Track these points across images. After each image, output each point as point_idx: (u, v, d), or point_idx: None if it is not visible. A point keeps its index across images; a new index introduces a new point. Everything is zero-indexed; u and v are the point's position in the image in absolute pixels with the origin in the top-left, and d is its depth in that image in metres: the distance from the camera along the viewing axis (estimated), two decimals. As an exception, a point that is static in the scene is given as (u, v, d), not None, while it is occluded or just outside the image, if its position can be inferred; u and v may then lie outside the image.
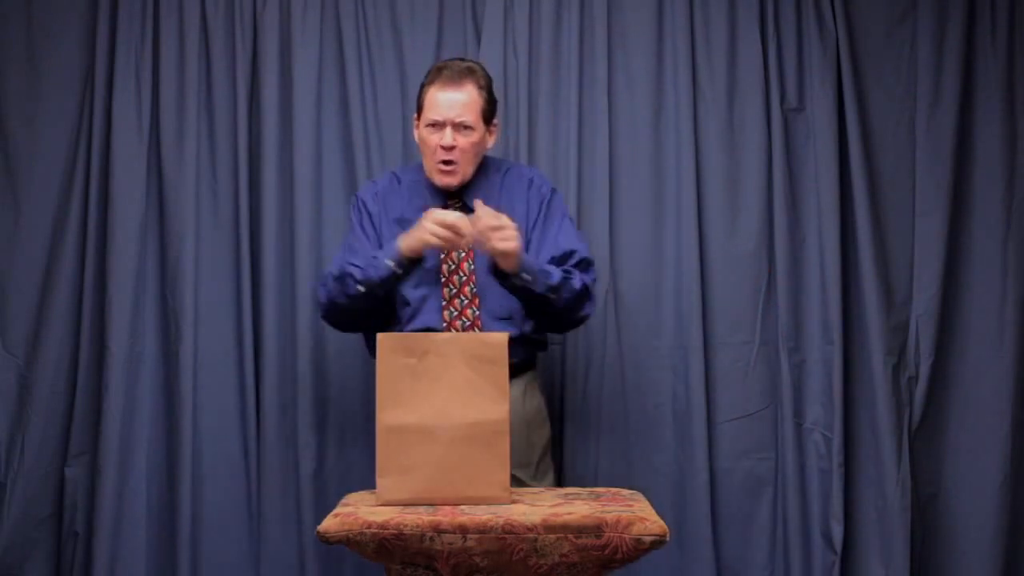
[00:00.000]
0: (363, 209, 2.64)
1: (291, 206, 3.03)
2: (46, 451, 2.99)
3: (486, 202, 2.50)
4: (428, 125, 2.54)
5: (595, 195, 3.03)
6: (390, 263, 2.43)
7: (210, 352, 3.00)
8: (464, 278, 2.55)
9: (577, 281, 2.51)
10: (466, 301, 2.54)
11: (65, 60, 3.04)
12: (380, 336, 2.15)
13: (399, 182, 2.67)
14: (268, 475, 2.99)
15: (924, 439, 3.04)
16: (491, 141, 2.63)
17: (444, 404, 2.11)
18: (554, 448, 2.84)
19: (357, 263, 2.48)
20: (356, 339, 2.98)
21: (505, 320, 2.53)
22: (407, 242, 2.43)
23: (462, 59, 2.67)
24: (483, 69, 2.61)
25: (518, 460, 2.51)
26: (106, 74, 3.02)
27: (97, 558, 2.93)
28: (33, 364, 3.00)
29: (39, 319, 3.00)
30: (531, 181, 2.65)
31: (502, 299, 2.51)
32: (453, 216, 2.38)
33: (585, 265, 2.56)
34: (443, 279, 2.55)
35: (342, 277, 2.49)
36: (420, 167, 2.65)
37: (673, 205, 3.04)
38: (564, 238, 2.58)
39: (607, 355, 3.01)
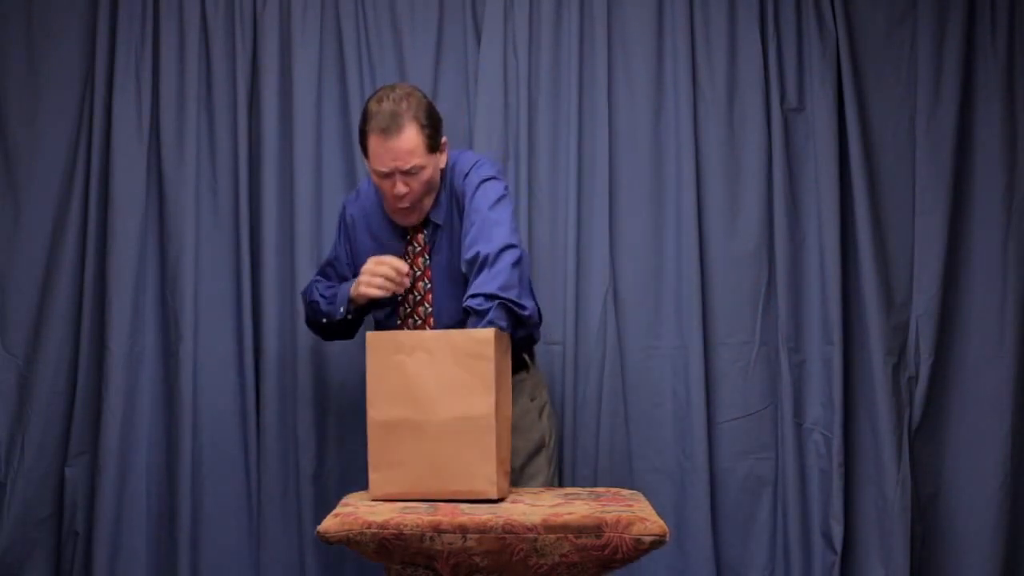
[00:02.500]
0: (344, 222, 2.73)
1: (291, 206, 3.03)
2: (46, 451, 2.99)
3: (444, 224, 2.54)
4: (376, 174, 2.50)
5: (595, 195, 3.03)
6: (342, 310, 2.57)
7: (210, 352, 3.00)
8: (419, 297, 2.59)
9: (493, 315, 2.29)
10: (431, 309, 2.57)
11: (65, 60, 3.04)
12: (369, 334, 2.18)
13: (376, 192, 2.65)
14: (268, 475, 2.99)
15: (924, 439, 3.04)
16: (443, 160, 2.56)
17: (432, 400, 2.12)
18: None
19: (324, 293, 2.65)
20: (356, 339, 2.98)
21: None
22: (355, 291, 2.51)
23: (393, 87, 2.52)
24: (415, 94, 2.49)
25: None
26: (106, 74, 3.02)
27: (97, 558, 2.93)
28: (33, 364, 3.00)
29: (39, 319, 3.01)
30: (463, 193, 2.53)
31: (458, 312, 2.44)
32: (386, 265, 2.43)
33: (493, 260, 2.36)
34: (400, 298, 2.61)
35: (311, 304, 2.68)
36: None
37: (673, 205, 3.05)
38: (471, 236, 2.44)
39: (607, 355, 3.01)
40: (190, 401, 2.98)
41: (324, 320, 2.63)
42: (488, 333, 2.14)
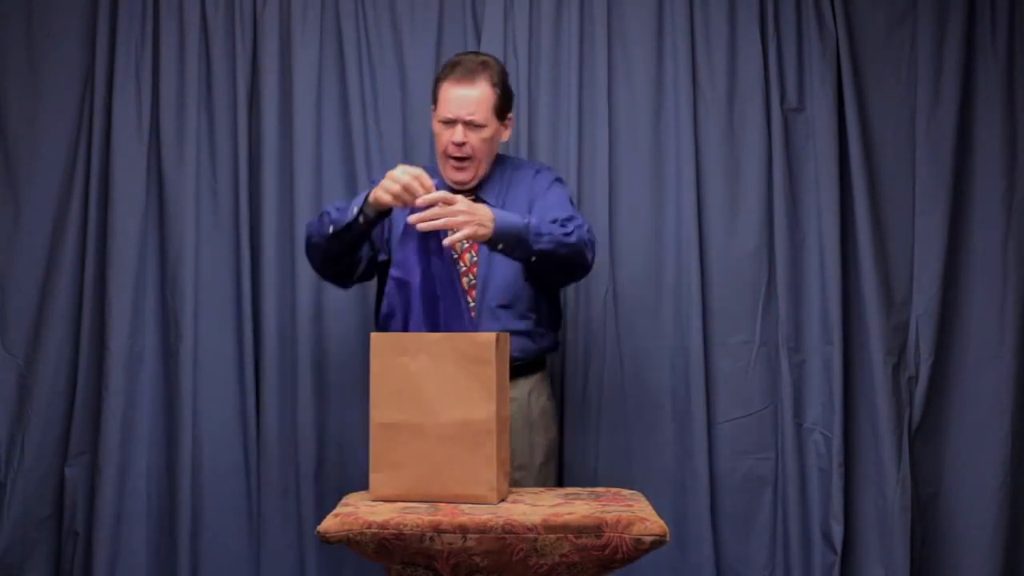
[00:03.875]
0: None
1: (291, 206, 3.03)
2: (46, 451, 2.99)
3: (495, 198, 2.52)
4: (441, 121, 2.54)
5: (595, 195, 3.03)
6: (355, 209, 2.39)
7: (210, 352, 3.00)
8: (464, 269, 2.55)
9: (572, 236, 2.43)
10: (463, 267, 2.54)
11: (65, 60, 3.04)
12: (374, 336, 2.18)
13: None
14: (268, 475, 2.99)
15: (924, 439, 3.04)
16: (506, 135, 2.62)
17: (433, 403, 2.12)
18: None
19: (337, 205, 2.49)
20: (356, 339, 2.99)
21: (505, 308, 2.52)
22: (373, 193, 2.38)
23: (477, 53, 2.65)
24: (498, 63, 2.60)
25: (519, 462, 2.51)
26: (106, 74, 3.02)
27: (97, 558, 2.93)
28: (33, 364, 3.00)
29: (39, 319, 3.01)
30: (537, 171, 2.65)
31: (504, 288, 2.51)
32: (408, 175, 2.31)
33: (579, 227, 2.48)
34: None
35: (321, 215, 2.51)
36: (432, 167, 2.61)
37: (673, 205, 3.05)
38: (551, 206, 2.52)
39: (607, 355, 3.01)
40: (190, 401, 2.98)
41: (331, 230, 2.43)
42: (490, 337, 2.14)
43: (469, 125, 2.51)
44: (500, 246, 2.36)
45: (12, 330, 3.01)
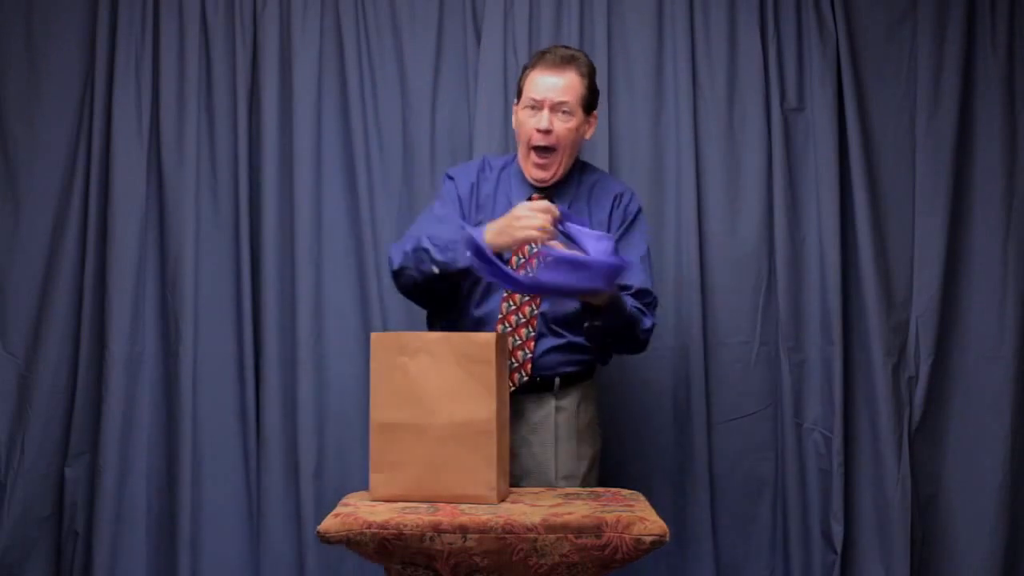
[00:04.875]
0: (455, 187, 2.54)
1: (291, 206, 3.03)
2: (46, 451, 2.99)
3: (572, 207, 2.48)
4: (527, 107, 2.46)
5: (595, 195, 3.03)
6: (468, 254, 2.22)
7: (210, 352, 3.00)
8: (525, 319, 2.47)
9: (647, 322, 2.45)
10: (527, 297, 2.45)
11: (65, 60, 3.04)
12: (374, 335, 2.17)
13: (490, 168, 2.58)
14: (268, 475, 2.99)
15: (924, 439, 3.04)
16: (590, 132, 2.54)
17: (434, 403, 2.12)
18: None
19: (436, 242, 2.32)
20: (356, 339, 2.99)
21: (565, 323, 2.46)
22: (496, 239, 2.25)
23: (567, 47, 2.58)
24: (587, 58, 2.53)
25: (566, 472, 2.48)
26: (106, 74, 3.02)
27: (97, 558, 2.93)
28: (33, 364, 3.00)
29: (39, 319, 3.01)
30: (619, 196, 2.55)
31: (563, 309, 2.44)
32: (540, 215, 2.22)
33: (653, 307, 2.50)
34: (500, 316, 2.47)
35: (417, 251, 2.35)
36: (513, 157, 2.58)
37: (673, 205, 3.05)
38: (642, 271, 2.49)
39: (607, 355, 3.01)
40: (190, 401, 2.98)
41: (435, 270, 2.31)
42: (489, 337, 2.14)
43: (556, 110, 2.44)
44: (597, 320, 2.32)
45: (12, 330, 3.01)
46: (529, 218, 2.24)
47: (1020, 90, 3.07)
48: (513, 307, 2.46)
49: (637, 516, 2.01)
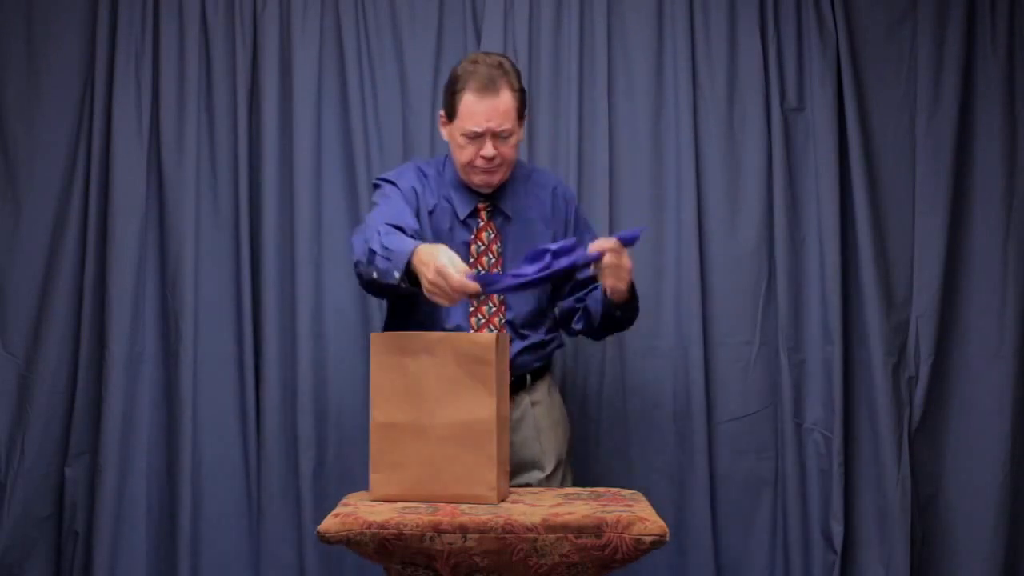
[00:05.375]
0: (397, 187, 2.48)
1: (291, 206, 3.03)
2: (46, 451, 2.99)
3: (515, 204, 2.50)
4: (465, 135, 2.42)
5: (595, 195, 3.03)
6: (396, 275, 2.20)
7: (210, 352, 3.00)
8: (484, 298, 2.49)
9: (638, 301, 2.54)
10: (493, 308, 2.50)
11: (65, 60, 3.04)
12: (374, 335, 2.17)
13: (425, 176, 2.55)
14: (268, 475, 2.99)
15: (924, 439, 3.04)
16: (521, 133, 2.53)
17: (434, 403, 2.12)
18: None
19: (384, 242, 2.24)
20: (356, 339, 2.99)
21: (529, 327, 2.52)
22: (419, 266, 2.17)
23: (487, 54, 2.53)
24: (509, 61, 2.48)
25: (559, 459, 2.55)
26: (106, 74, 3.02)
27: (97, 558, 2.93)
28: (33, 364, 3.00)
29: (39, 319, 3.00)
30: (554, 189, 2.61)
31: (527, 312, 2.51)
32: (459, 277, 2.12)
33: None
34: (472, 331, 2.47)
35: (369, 252, 2.27)
36: (443, 161, 2.57)
37: (673, 205, 3.04)
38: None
39: (607, 355, 3.01)
40: (190, 401, 2.98)
41: (375, 276, 2.26)
42: (490, 337, 2.14)
43: (497, 136, 2.42)
44: (618, 310, 2.43)
45: (12, 330, 3.00)
46: (440, 289, 2.13)
47: (1020, 90, 3.07)
48: (483, 320, 2.49)
49: (637, 516, 2.01)
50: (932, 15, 3.07)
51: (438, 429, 2.12)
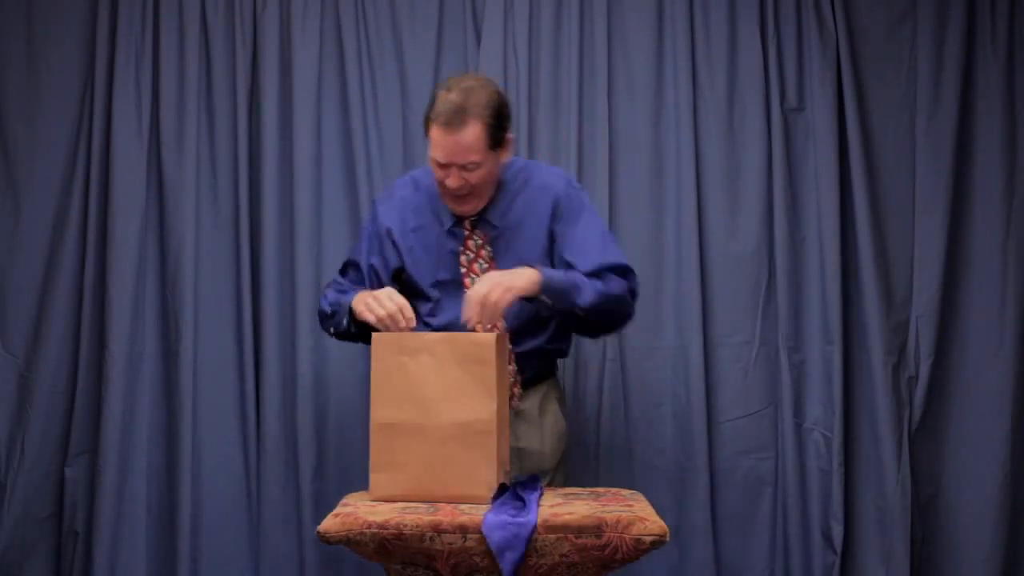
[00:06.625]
0: (375, 221, 2.55)
1: (291, 206, 3.03)
2: (46, 451, 2.99)
3: (503, 213, 2.45)
4: (433, 161, 2.38)
5: (595, 195, 3.02)
6: (344, 321, 2.42)
7: (210, 352, 3.01)
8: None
9: (615, 286, 2.41)
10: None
11: (65, 60, 3.04)
12: (374, 335, 2.18)
13: (417, 188, 2.54)
14: (268, 475, 2.99)
15: (924, 439, 3.04)
16: (506, 156, 2.45)
17: (434, 403, 2.12)
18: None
19: (330, 299, 2.50)
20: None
21: (520, 329, 2.47)
22: (356, 308, 2.35)
23: (461, 77, 2.46)
24: (484, 88, 2.38)
25: (561, 456, 2.54)
26: (106, 74, 3.02)
27: (97, 558, 2.93)
28: (33, 364, 3.00)
29: (39, 319, 3.01)
30: (557, 195, 2.48)
31: (518, 313, 2.43)
32: (394, 304, 2.26)
33: (622, 272, 2.44)
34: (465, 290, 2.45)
35: (320, 312, 2.55)
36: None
37: (673, 205, 3.05)
38: (591, 248, 2.44)
39: (607, 355, 3.01)
40: (190, 401, 2.98)
41: (332, 331, 2.50)
42: (489, 337, 2.14)
43: (464, 168, 2.35)
44: (549, 301, 2.32)
45: (12, 330, 3.01)
46: (379, 305, 2.28)
47: (1020, 90, 3.08)
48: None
49: (637, 516, 2.01)
50: (932, 15, 3.07)
51: (438, 429, 2.12)
